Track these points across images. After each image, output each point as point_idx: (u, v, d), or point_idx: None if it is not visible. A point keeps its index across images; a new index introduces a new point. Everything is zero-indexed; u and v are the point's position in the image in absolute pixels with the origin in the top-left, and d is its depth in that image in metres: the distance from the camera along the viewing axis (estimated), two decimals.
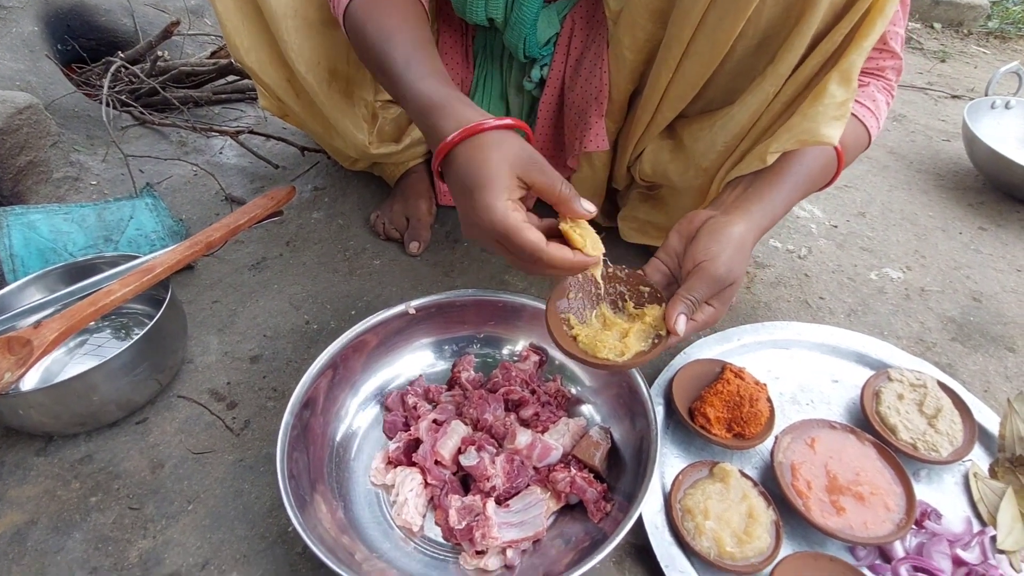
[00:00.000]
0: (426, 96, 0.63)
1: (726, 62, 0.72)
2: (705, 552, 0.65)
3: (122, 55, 1.39)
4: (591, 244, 0.61)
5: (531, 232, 0.55)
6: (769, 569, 0.64)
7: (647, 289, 0.69)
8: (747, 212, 0.70)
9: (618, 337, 0.65)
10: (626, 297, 0.70)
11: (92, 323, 0.89)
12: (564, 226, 0.60)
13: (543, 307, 0.81)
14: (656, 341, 0.65)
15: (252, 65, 0.90)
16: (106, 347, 0.87)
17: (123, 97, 1.36)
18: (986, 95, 1.50)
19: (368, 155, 1.03)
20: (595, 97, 0.86)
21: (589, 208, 0.60)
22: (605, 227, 1.13)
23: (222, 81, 1.50)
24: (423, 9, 0.76)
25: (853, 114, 0.78)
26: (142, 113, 1.34)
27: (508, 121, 0.59)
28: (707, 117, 0.81)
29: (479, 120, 0.58)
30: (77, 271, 0.87)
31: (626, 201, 1.05)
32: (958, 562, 0.67)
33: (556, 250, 0.57)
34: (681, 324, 0.63)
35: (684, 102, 0.79)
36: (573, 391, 0.81)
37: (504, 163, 0.56)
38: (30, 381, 0.82)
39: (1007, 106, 1.49)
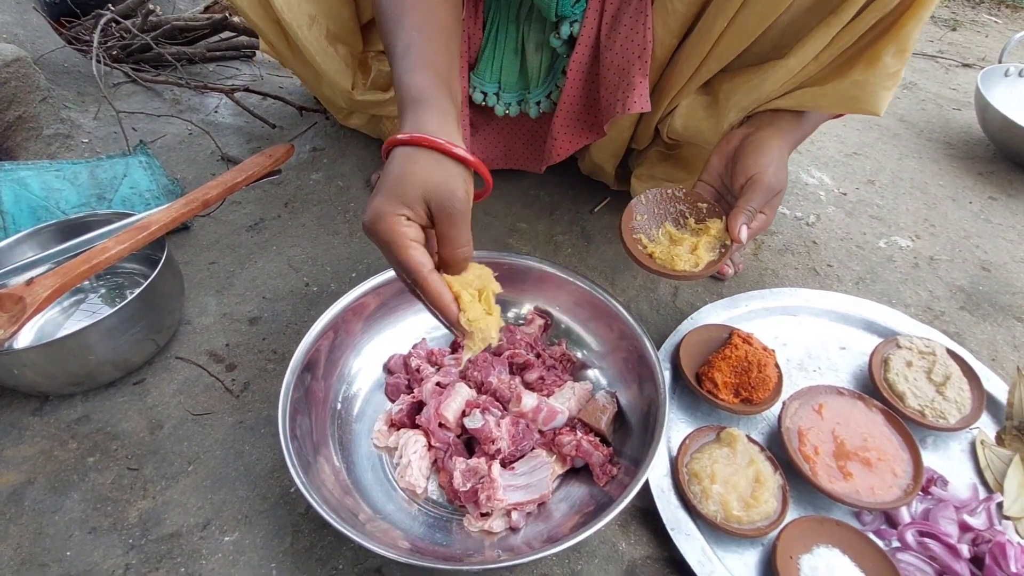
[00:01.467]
0: (407, 88, 0.60)
1: (784, 14, 0.70)
2: (712, 516, 0.65)
3: (112, 8, 1.34)
4: (475, 319, 0.55)
5: (415, 250, 0.53)
6: (775, 533, 0.64)
7: (704, 205, 0.77)
8: (780, 127, 0.76)
9: (688, 250, 0.74)
10: (687, 214, 0.78)
11: (89, 283, 0.88)
12: (447, 277, 0.55)
13: (550, 270, 0.80)
14: (723, 251, 0.73)
15: (243, 7, 0.89)
16: (103, 308, 0.85)
17: (114, 53, 1.32)
18: (999, 63, 1.47)
19: (353, 101, 1.00)
20: (638, 55, 0.80)
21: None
22: (616, 191, 1.11)
23: (216, 38, 1.45)
24: None
25: None
26: (135, 69, 1.30)
27: (462, 153, 0.55)
28: (752, 71, 0.77)
29: (432, 134, 0.55)
30: (70, 229, 0.84)
31: (642, 160, 1.02)
32: (964, 527, 0.67)
33: (436, 283, 0.53)
34: (744, 232, 0.71)
35: (734, 54, 0.76)
36: (579, 355, 0.80)
37: (421, 184, 0.53)
38: (24, 341, 0.80)
39: (1020, 74, 1.45)
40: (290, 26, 0.89)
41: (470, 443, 0.70)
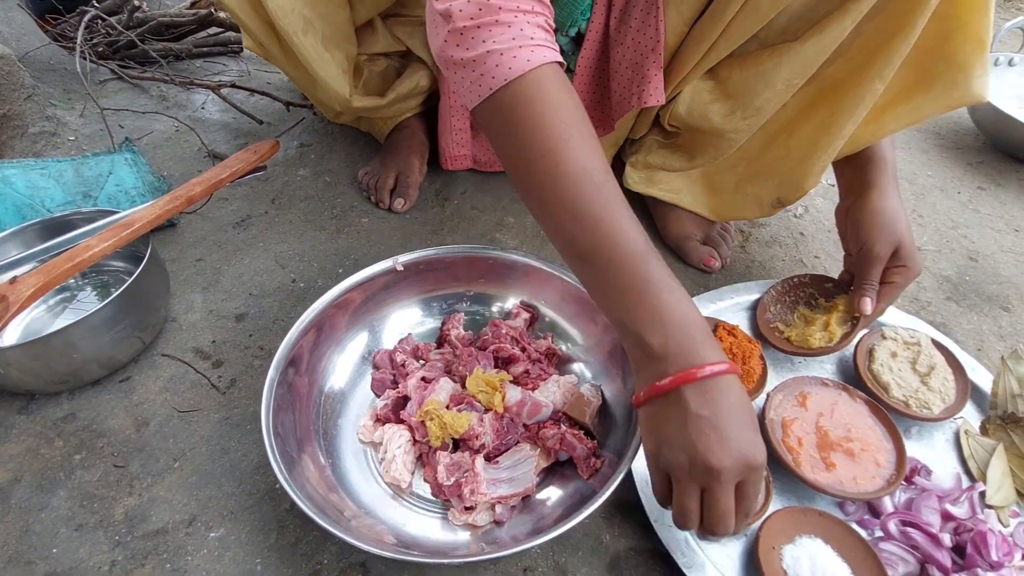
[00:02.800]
0: (682, 309, 0.53)
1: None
2: None
3: (97, 5, 1.33)
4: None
5: None
6: (759, 524, 0.64)
7: (829, 284, 0.85)
8: (871, 184, 0.78)
9: (822, 327, 0.80)
10: (816, 296, 0.86)
11: (75, 282, 0.88)
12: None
13: (535, 264, 0.80)
14: (854, 322, 0.79)
15: (231, 5, 0.87)
16: (90, 306, 0.85)
17: (100, 49, 1.31)
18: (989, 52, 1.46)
19: (351, 108, 1.00)
20: (652, 48, 0.79)
21: None
22: None
23: (203, 34, 1.45)
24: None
25: None
26: (121, 65, 1.29)
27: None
28: (764, 52, 0.77)
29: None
30: (54, 227, 0.84)
31: (637, 148, 1.01)
32: (947, 517, 0.67)
33: None
34: (867, 305, 0.75)
35: (744, 38, 0.75)
36: (565, 349, 0.80)
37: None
38: (10, 339, 0.80)
39: (1010, 63, 1.45)
40: (285, 32, 0.87)
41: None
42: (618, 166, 1.07)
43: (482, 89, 0.57)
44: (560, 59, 0.59)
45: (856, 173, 0.82)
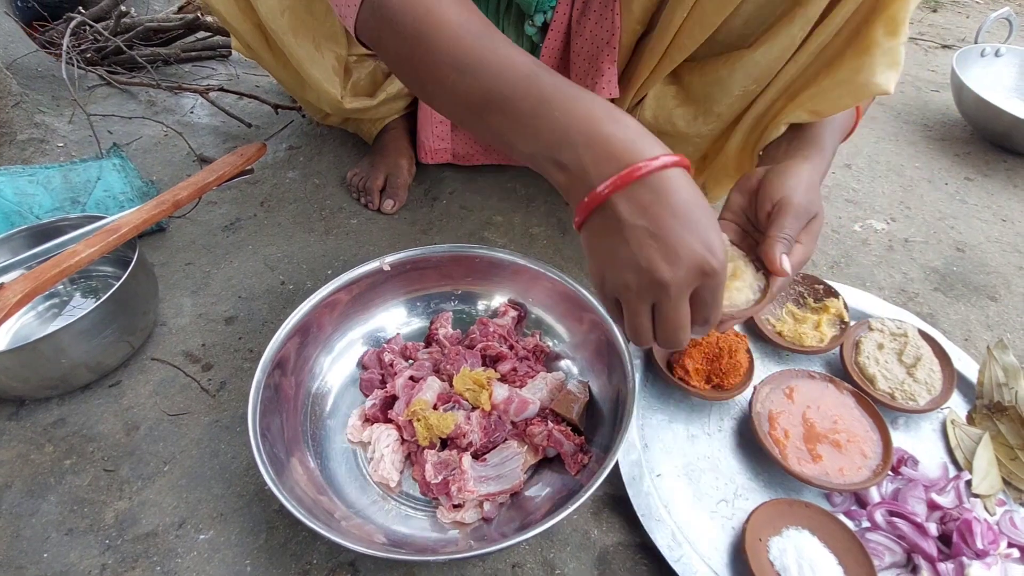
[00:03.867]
0: (588, 114, 0.47)
1: (746, 3, 0.69)
2: None
3: (83, 12, 1.33)
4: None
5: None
6: (744, 516, 0.64)
7: (821, 287, 0.86)
8: (804, 158, 0.67)
9: (812, 327, 0.82)
10: (805, 295, 0.87)
11: (64, 288, 0.88)
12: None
13: (521, 262, 0.80)
14: (842, 326, 0.82)
15: (219, 8, 0.86)
16: (80, 312, 0.85)
17: (88, 56, 1.31)
18: (976, 43, 1.47)
19: (341, 110, 1.00)
20: (606, 41, 0.81)
21: None
22: None
23: (191, 38, 1.45)
24: None
25: None
26: (109, 71, 1.29)
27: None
28: (720, 60, 0.77)
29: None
30: (41, 234, 0.84)
31: None
32: (933, 506, 0.68)
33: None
34: (786, 262, 0.59)
35: (696, 44, 0.75)
36: (552, 346, 0.80)
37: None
38: None
39: (997, 54, 1.46)
40: (276, 33, 0.87)
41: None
42: None
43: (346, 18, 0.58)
44: None
45: (786, 149, 0.72)
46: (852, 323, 0.82)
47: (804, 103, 0.71)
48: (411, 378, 0.73)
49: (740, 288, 0.60)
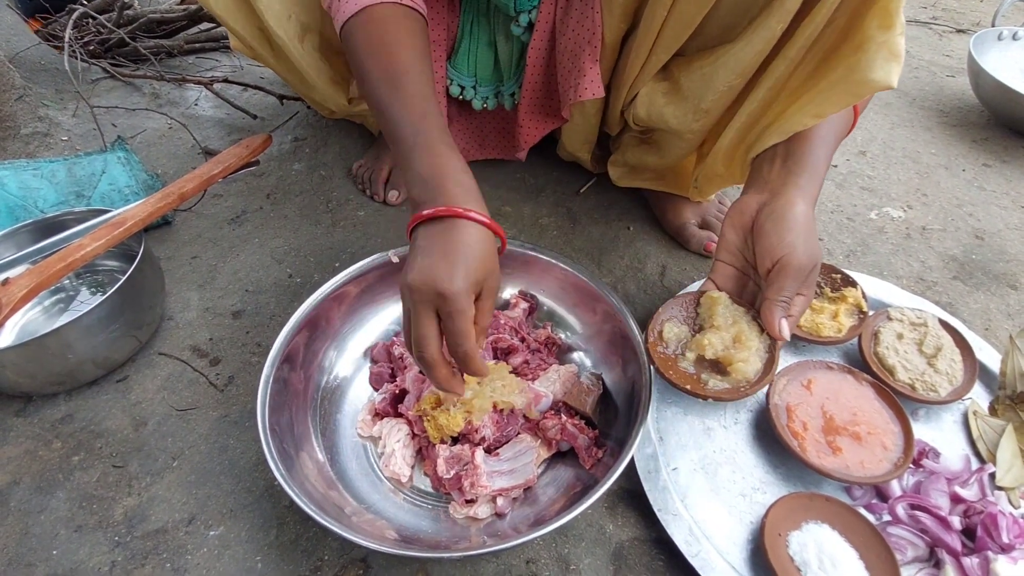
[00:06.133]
0: (437, 166, 0.61)
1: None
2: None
3: (85, 3, 1.32)
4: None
5: (473, 326, 0.57)
6: (763, 511, 0.63)
7: (838, 276, 0.83)
8: (797, 186, 0.67)
9: (830, 317, 0.79)
10: (823, 284, 0.83)
11: (71, 283, 0.87)
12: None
13: (532, 253, 0.79)
14: (861, 316, 0.79)
15: (221, 13, 0.85)
16: (87, 307, 0.84)
17: (92, 48, 1.30)
18: (993, 26, 1.44)
19: (349, 112, 0.99)
20: (588, 41, 0.80)
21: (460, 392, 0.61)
22: (596, 173, 1.09)
23: (195, 29, 1.44)
24: (424, 25, 0.74)
25: None
26: (113, 64, 1.28)
27: (496, 228, 0.61)
28: (705, 55, 0.76)
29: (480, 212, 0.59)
30: (46, 227, 0.83)
31: (618, 145, 1.01)
32: (956, 499, 0.66)
33: (478, 358, 0.58)
34: (785, 329, 0.64)
35: (679, 42, 0.74)
36: (564, 337, 0.79)
37: (486, 263, 0.58)
38: (5, 341, 0.80)
39: (1015, 37, 1.42)
40: (282, 40, 0.85)
41: None
42: (601, 155, 1.06)
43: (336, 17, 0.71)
44: (411, 4, 0.71)
45: (780, 169, 0.71)
46: (871, 313, 0.81)
47: (805, 107, 0.69)
48: (421, 371, 0.72)
49: (747, 359, 0.65)
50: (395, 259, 0.77)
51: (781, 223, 0.64)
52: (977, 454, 0.72)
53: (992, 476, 0.68)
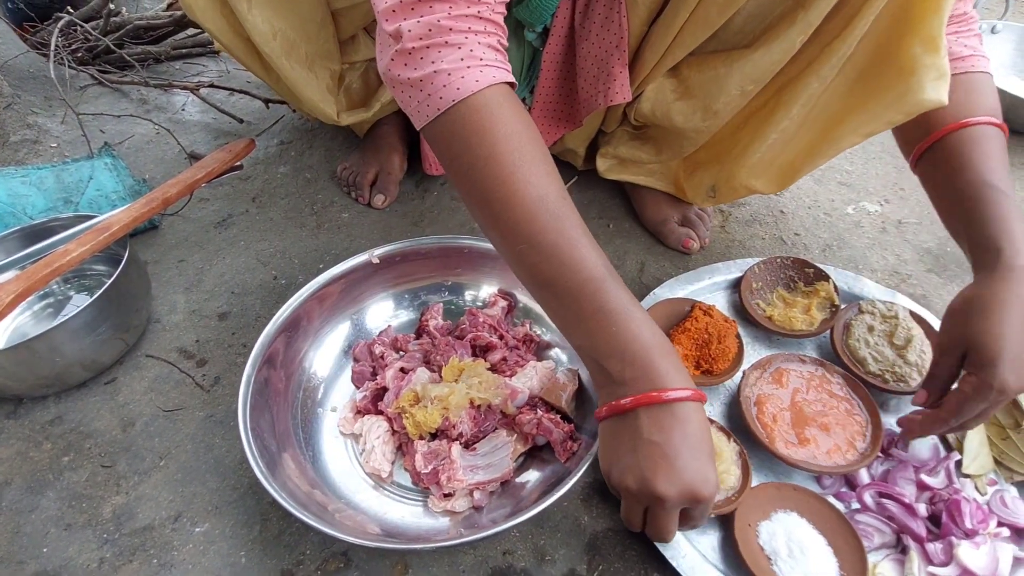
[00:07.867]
0: (633, 332, 0.53)
1: (747, 3, 0.69)
2: None
3: (71, 12, 1.33)
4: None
5: None
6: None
7: (811, 270, 0.86)
8: (1009, 270, 0.62)
9: (802, 311, 0.82)
10: (796, 279, 0.87)
11: (59, 287, 0.89)
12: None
13: None
14: (833, 310, 0.82)
15: (208, 26, 0.86)
16: (74, 311, 0.86)
17: (80, 55, 1.31)
18: None
19: (337, 124, 1.00)
20: (616, 45, 0.79)
21: None
22: (583, 170, 1.11)
23: (182, 35, 1.45)
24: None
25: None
26: (101, 71, 1.29)
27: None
28: (719, 57, 0.77)
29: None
30: (33, 234, 0.85)
31: (608, 140, 1.02)
32: (922, 487, 0.68)
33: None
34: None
35: (697, 42, 0.75)
36: (541, 334, 0.81)
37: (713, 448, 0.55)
38: None
39: (993, 30, 1.44)
40: (269, 57, 0.86)
41: None
42: (590, 154, 1.07)
43: (429, 109, 0.55)
44: (511, 79, 0.57)
45: (981, 239, 0.66)
46: (843, 306, 0.82)
47: (855, 127, 0.73)
48: (401, 369, 0.74)
49: (727, 470, 0.66)
50: (376, 260, 0.78)
51: (988, 319, 0.61)
52: (945, 443, 0.73)
53: (958, 464, 0.70)
